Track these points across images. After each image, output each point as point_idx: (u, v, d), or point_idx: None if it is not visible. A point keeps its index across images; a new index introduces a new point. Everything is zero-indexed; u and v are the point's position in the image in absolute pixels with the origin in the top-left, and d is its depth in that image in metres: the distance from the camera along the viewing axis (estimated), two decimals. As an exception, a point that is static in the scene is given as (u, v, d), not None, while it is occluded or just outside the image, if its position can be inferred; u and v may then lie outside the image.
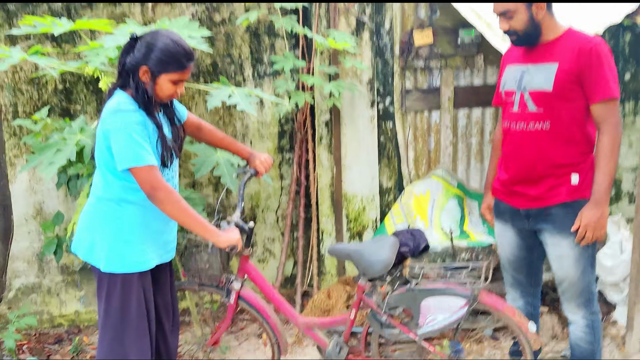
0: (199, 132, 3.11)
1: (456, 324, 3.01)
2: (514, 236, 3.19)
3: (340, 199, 4.57)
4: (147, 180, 2.55)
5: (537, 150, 2.93)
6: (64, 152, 3.08)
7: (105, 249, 2.70)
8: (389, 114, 4.62)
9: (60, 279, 4.37)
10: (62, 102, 4.18)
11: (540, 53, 2.89)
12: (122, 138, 2.52)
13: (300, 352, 4.03)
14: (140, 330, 2.81)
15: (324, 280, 4.62)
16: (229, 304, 3.28)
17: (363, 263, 3.04)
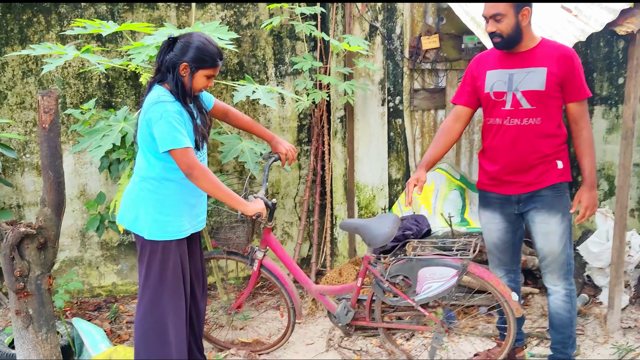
0: (226, 117, 3.58)
1: (448, 292, 3.45)
2: (502, 222, 3.53)
3: (353, 188, 5.03)
4: (184, 160, 3.02)
5: (531, 141, 3.32)
6: (109, 137, 3.57)
7: (148, 220, 3.18)
8: (399, 111, 5.08)
9: (100, 253, 4.88)
10: (104, 95, 4.69)
11: (524, 59, 3.30)
12: (163, 125, 2.99)
13: (313, 322, 4.49)
14: (177, 291, 3.28)
15: (336, 261, 5.08)
16: (252, 271, 3.76)
17: (368, 235, 3.49)
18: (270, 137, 3.66)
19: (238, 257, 3.81)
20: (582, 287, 4.76)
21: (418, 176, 3.53)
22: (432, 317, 3.56)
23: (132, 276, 4.94)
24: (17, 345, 3.53)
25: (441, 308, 3.64)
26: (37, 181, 4.69)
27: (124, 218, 3.27)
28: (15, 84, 4.56)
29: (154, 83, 3.15)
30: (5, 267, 3.41)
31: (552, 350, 3.62)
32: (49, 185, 3.49)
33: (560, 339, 3.56)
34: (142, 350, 3.27)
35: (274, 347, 4.03)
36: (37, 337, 3.48)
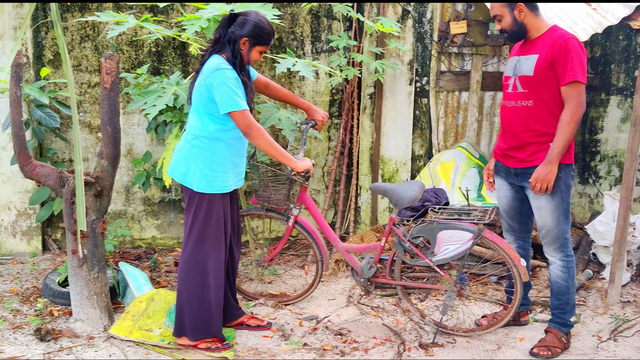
0: (267, 89, 3.99)
1: (464, 253, 3.81)
2: (509, 190, 3.91)
3: (378, 161, 5.39)
4: (243, 121, 3.42)
5: (524, 121, 3.66)
6: (163, 98, 3.95)
7: (198, 174, 3.56)
8: (425, 91, 5.42)
9: (142, 208, 5.29)
10: (154, 62, 5.07)
11: (528, 47, 3.67)
12: (225, 89, 3.38)
13: (335, 282, 4.87)
14: (218, 239, 3.67)
15: (359, 228, 5.46)
16: (287, 226, 4.16)
17: (395, 196, 3.87)
18: (307, 106, 4.08)
19: (275, 214, 4.21)
20: (587, 264, 5.09)
21: (489, 166, 4.07)
22: (447, 277, 3.92)
23: (170, 231, 5.35)
24: (71, 282, 3.96)
25: (455, 270, 3.99)
26: (89, 138, 5.10)
27: (175, 172, 3.65)
28: (74, 48, 4.96)
29: (213, 52, 3.52)
30: (66, 211, 3.83)
31: (552, 314, 3.96)
32: (107, 139, 3.89)
33: (558, 305, 3.88)
34: (184, 289, 3.67)
35: (300, 298, 4.42)
36: (89, 275, 3.90)
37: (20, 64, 3.75)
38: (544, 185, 3.60)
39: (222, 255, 3.72)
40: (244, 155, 3.75)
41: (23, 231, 5.01)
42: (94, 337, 3.86)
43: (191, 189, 3.59)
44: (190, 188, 3.60)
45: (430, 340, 3.98)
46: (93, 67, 5.02)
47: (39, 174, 3.87)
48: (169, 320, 3.99)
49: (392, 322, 4.25)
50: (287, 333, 4.04)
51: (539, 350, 3.82)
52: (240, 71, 3.52)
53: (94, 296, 3.93)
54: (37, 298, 4.28)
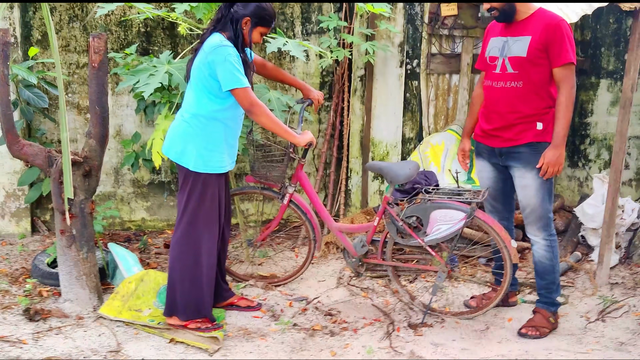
0: (263, 69, 3.99)
1: (456, 233, 3.81)
2: (492, 171, 3.95)
3: (368, 144, 5.39)
4: (246, 98, 3.42)
5: (512, 102, 3.69)
6: (156, 76, 3.92)
7: (194, 154, 3.55)
8: (415, 74, 5.41)
9: (131, 190, 5.27)
10: (142, 43, 5.03)
11: (517, 28, 3.67)
12: (227, 66, 3.37)
13: (325, 264, 4.88)
14: (212, 218, 3.67)
15: (349, 211, 5.46)
16: (282, 205, 4.17)
17: (391, 173, 3.88)
18: (302, 85, 4.12)
19: (270, 192, 4.24)
20: (576, 246, 5.12)
21: (462, 146, 4.13)
22: (439, 258, 3.93)
23: (160, 213, 5.33)
24: (59, 262, 3.94)
25: (446, 252, 4.00)
26: (77, 119, 5.07)
27: (170, 150, 3.64)
28: (62, 28, 4.91)
29: (214, 30, 3.51)
30: (54, 190, 3.80)
31: (538, 295, 3.98)
32: (95, 119, 3.86)
33: (544, 285, 3.91)
34: (176, 268, 3.67)
35: (290, 278, 4.43)
36: (78, 255, 3.89)
37: (8, 42, 3.71)
38: (555, 168, 3.63)
39: (215, 236, 3.72)
40: (238, 137, 3.75)
41: (12, 212, 4.98)
42: (83, 317, 3.85)
43: (187, 168, 3.58)
44: (185, 167, 3.59)
45: (420, 320, 4.00)
46: (82, 47, 4.98)
47: (27, 153, 3.84)
48: (159, 301, 3.98)
49: (381, 303, 4.26)
50: (277, 314, 4.05)
51: (527, 330, 3.85)
52: (241, 51, 3.52)
53: (83, 276, 3.92)
54: (26, 279, 4.26)
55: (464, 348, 3.70)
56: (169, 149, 3.65)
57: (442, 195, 3.94)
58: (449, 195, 3.93)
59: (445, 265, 3.95)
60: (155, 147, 4.09)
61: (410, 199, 4.08)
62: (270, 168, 4.14)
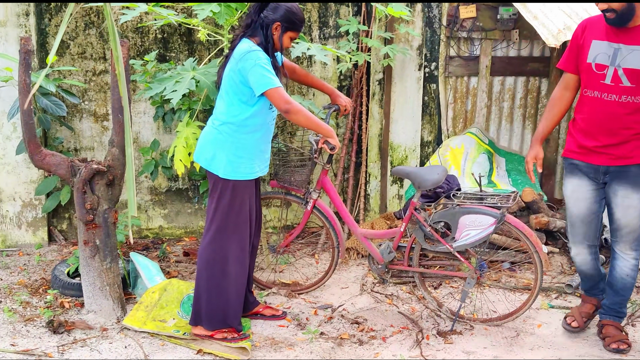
0: (293, 73, 3.95)
1: (485, 239, 3.75)
2: (591, 191, 3.64)
3: (387, 148, 5.33)
4: (281, 97, 3.37)
5: (625, 118, 3.42)
6: (182, 83, 3.86)
7: (224, 160, 3.51)
8: (434, 77, 5.36)
9: (149, 198, 5.21)
10: (160, 50, 4.98)
11: (632, 35, 3.36)
12: (258, 69, 3.33)
13: (346, 270, 4.82)
14: (241, 226, 3.61)
15: (368, 215, 5.40)
16: (306, 211, 4.12)
17: (419, 178, 3.83)
18: (331, 90, 4.05)
19: (294, 198, 4.19)
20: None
21: (535, 153, 3.77)
22: (468, 264, 3.88)
23: (178, 221, 5.27)
24: (82, 273, 3.88)
25: (475, 257, 3.94)
26: (94, 127, 5.01)
27: (200, 157, 3.61)
28: (78, 35, 4.86)
29: (243, 36, 3.47)
30: (78, 200, 3.75)
31: (608, 308, 3.79)
32: (118, 127, 3.81)
33: (620, 300, 3.75)
34: (203, 277, 3.61)
35: (314, 286, 4.37)
36: (102, 266, 3.83)
37: (30, 51, 3.66)
38: None
39: (245, 243, 3.67)
40: (269, 142, 3.71)
41: (28, 222, 4.92)
42: (108, 328, 3.79)
43: (216, 175, 3.54)
44: (215, 174, 3.54)
45: (448, 327, 3.94)
46: (98, 54, 4.92)
47: (49, 163, 3.78)
48: (183, 311, 3.93)
49: (407, 310, 4.21)
50: (303, 322, 3.99)
51: (619, 344, 3.69)
52: (271, 56, 3.49)
53: (106, 287, 3.86)
54: (47, 290, 4.21)
55: (496, 356, 3.65)
56: (199, 155, 3.63)
57: (471, 200, 3.89)
58: (477, 200, 3.88)
59: (475, 272, 3.89)
60: (178, 155, 4.03)
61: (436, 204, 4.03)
62: (294, 173, 4.09)
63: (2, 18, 4.60)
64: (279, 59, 3.67)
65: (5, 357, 3.45)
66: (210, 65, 4.06)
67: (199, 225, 5.28)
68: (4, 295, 4.17)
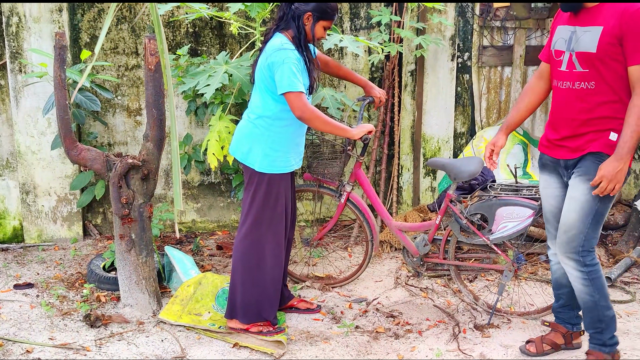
0: (326, 66, 3.91)
1: (523, 231, 3.69)
2: (558, 188, 3.31)
3: (419, 139, 5.28)
4: (297, 103, 3.33)
5: (581, 107, 3.06)
6: (215, 77, 3.85)
7: (260, 154, 3.50)
8: (467, 67, 5.29)
9: (182, 192, 5.23)
10: (191, 44, 4.98)
11: (587, 17, 3.03)
12: (285, 69, 3.30)
13: (380, 263, 4.79)
14: (277, 219, 3.60)
15: (401, 208, 5.36)
16: (339, 204, 4.09)
17: (455, 170, 3.77)
18: (364, 82, 4.01)
19: (327, 190, 4.17)
20: (638, 240, 4.95)
21: (495, 141, 3.50)
22: (505, 257, 3.82)
23: (210, 214, 5.28)
24: (118, 267, 3.90)
25: (512, 250, 3.88)
26: (127, 122, 5.03)
27: (237, 150, 3.61)
28: (110, 30, 4.88)
29: (276, 30, 3.45)
30: (114, 195, 3.76)
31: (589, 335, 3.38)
32: (153, 122, 3.82)
33: (589, 323, 3.32)
34: (239, 270, 3.61)
35: (348, 280, 4.35)
36: (137, 260, 3.85)
37: (64, 46, 3.68)
38: (612, 185, 2.98)
39: (280, 237, 3.66)
40: (304, 135, 3.70)
41: (64, 217, 4.97)
42: (144, 322, 3.81)
43: (252, 168, 3.54)
44: (251, 168, 3.54)
45: (485, 321, 3.89)
46: (130, 49, 4.94)
47: (85, 158, 3.81)
48: (218, 304, 3.93)
49: (443, 303, 4.16)
50: (338, 316, 3.97)
51: None
52: (304, 49, 3.45)
53: (142, 281, 3.88)
54: (83, 284, 4.24)
55: (535, 350, 3.59)
56: (235, 149, 3.63)
57: (508, 191, 3.83)
58: (514, 192, 3.82)
59: (512, 264, 3.83)
60: (211, 149, 4.03)
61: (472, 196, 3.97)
62: (327, 165, 4.07)
63: (36, 14, 4.63)
64: (312, 51, 3.65)
65: (44, 350, 3.49)
66: (243, 59, 4.04)
67: (232, 219, 5.28)
68: (41, 289, 4.21)
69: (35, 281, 4.33)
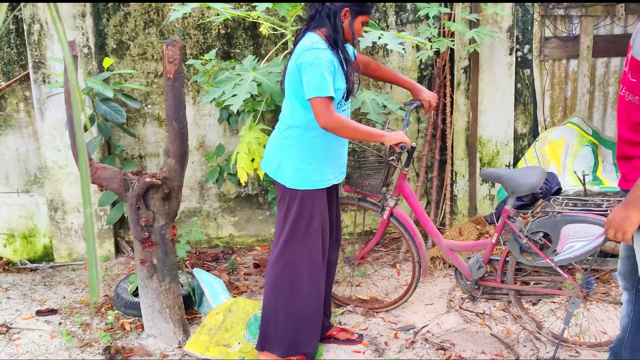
0: (367, 68, 3.49)
1: (592, 252, 3.19)
2: None
3: (475, 143, 4.79)
4: (323, 111, 2.91)
5: (626, 122, 2.45)
6: (242, 86, 3.48)
7: (290, 169, 3.12)
8: (527, 61, 4.76)
9: (218, 205, 4.90)
10: (223, 46, 4.63)
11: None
12: (314, 71, 2.90)
13: (431, 282, 4.33)
14: (313, 239, 3.20)
15: (455, 219, 4.88)
16: (382, 219, 3.66)
17: (512, 183, 3.29)
18: (412, 85, 3.55)
19: (369, 204, 3.74)
20: None
21: None
22: (572, 280, 3.32)
23: (248, 228, 4.94)
24: (141, 294, 3.59)
25: (580, 273, 3.38)
26: (159, 132, 4.73)
27: (267, 165, 3.25)
28: (137, 35, 4.58)
29: (307, 29, 3.06)
30: (132, 217, 3.45)
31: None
32: (173, 135, 3.48)
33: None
34: (271, 296, 3.26)
35: (394, 305, 3.91)
36: (160, 287, 3.52)
37: (75, 56, 3.36)
38: (618, 235, 2.45)
39: (317, 259, 3.27)
40: (345, 144, 3.29)
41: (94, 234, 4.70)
42: (168, 354, 3.49)
43: (283, 185, 3.16)
44: (282, 184, 3.17)
45: (550, 354, 3.40)
46: (159, 54, 4.63)
47: (101, 177, 3.50)
48: (249, 334, 3.58)
49: (501, 331, 3.69)
50: (381, 347, 3.55)
51: None
52: (342, 50, 3.06)
53: (166, 309, 3.56)
54: (109, 309, 3.96)
55: (610, 393, 3.08)
56: (266, 163, 3.27)
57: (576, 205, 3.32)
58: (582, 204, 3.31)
59: (581, 290, 3.33)
60: (240, 162, 3.68)
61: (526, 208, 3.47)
62: (367, 177, 3.64)
63: (58, 21, 4.36)
64: (350, 52, 3.23)
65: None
66: (273, 64, 3.66)
67: (271, 233, 4.92)
68: (65, 315, 3.95)
69: (59, 306, 4.07)
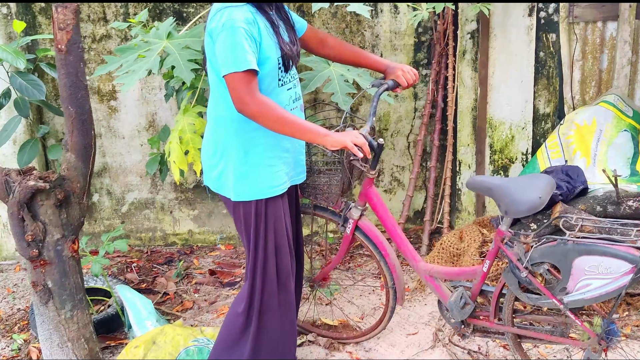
0: (322, 47, 2.67)
1: (616, 295, 2.32)
2: None
3: (484, 126, 3.90)
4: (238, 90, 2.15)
5: None
6: (146, 59, 2.66)
7: (231, 176, 2.37)
8: (552, 23, 3.83)
9: (174, 196, 4.14)
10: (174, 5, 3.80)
11: None
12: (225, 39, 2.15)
13: (420, 302, 3.51)
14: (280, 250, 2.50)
15: (458, 218, 4.02)
16: (345, 234, 2.84)
17: (506, 200, 2.41)
18: (384, 66, 2.67)
19: (327, 214, 2.92)
20: None
21: None
22: (587, 329, 2.46)
23: (210, 224, 4.18)
24: (37, 324, 2.86)
25: (599, 317, 2.51)
26: (99, 108, 3.97)
27: (208, 177, 2.51)
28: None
29: None
30: (14, 230, 2.70)
31: None
32: (71, 124, 2.74)
33: None
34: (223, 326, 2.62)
35: (365, 336, 3.11)
36: (59, 316, 2.79)
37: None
38: None
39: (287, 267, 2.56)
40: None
41: (26, 229, 4.00)
42: (68, 402, 2.77)
43: (229, 198, 2.41)
44: (227, 197, 2.43)
45: (557, 419, 2.57)
46: (97, 15, 3.83)
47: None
48: (178, 373, 2.84)
49: (499, 379, 2.86)
50: (340, 400, 2.76)
51: None
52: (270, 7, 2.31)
53: (67, 343, 2.82)
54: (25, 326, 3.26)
55: None
56: (206, 174, 2.52)
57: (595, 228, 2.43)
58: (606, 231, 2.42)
59: (599, 342, 2.46)
60: (173, 157, 2.89)
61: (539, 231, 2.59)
62: (319, 182, 2.80)
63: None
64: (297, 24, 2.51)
65: None
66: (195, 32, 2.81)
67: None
68: (-34, 335, 3.27)
69: (-36, 321, 3.40)
